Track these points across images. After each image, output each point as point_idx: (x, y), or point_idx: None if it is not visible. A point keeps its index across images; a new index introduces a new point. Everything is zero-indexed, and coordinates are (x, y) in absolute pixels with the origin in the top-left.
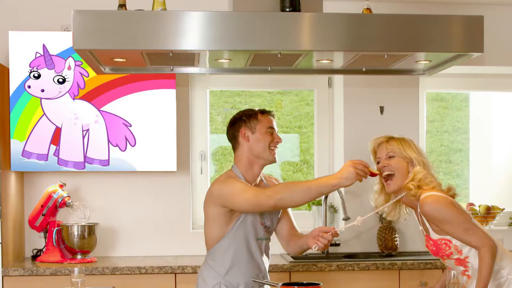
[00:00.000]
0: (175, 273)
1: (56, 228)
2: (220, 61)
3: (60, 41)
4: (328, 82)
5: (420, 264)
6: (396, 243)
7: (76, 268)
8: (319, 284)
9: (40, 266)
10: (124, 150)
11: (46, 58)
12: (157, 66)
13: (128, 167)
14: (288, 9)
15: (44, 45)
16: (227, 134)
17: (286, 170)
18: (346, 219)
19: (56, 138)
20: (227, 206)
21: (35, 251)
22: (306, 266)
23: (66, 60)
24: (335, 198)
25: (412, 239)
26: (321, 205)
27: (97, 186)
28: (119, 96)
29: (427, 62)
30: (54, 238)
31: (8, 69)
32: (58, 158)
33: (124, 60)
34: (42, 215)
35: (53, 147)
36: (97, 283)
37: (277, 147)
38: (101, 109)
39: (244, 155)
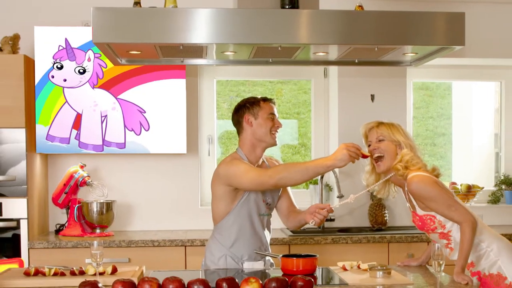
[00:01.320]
0: (185, 246)
1: (77, 205)
2: (226, 53)
3: (81, 35)
4: (324, 73)
5: (407, 238)
6: (385, 218)
7: (95, 241)
8: (316, 256)
9: (62, 240)
10: (139, 134)
11: (68, 50)
12: (169, 58)
13: (142, 150)
14: (287, 6)
15: (66, 39)
16: (232, 119)
17: (285, 152)
18: (340, 196)
19: (77, 123)
20: (232, 185)
21: (58, 226)
22: (304, 239)
23: (86, 53)
24: (330, 177)
25: (400, 215)
26: (317, 184)
27: (114, 167)
28: (134, 85)
29: (414, 54)
30: (75, 214)
31: (34, 61)
32: (79, 141)
33: (139, 52)
34: (65, 193)
35: (74, 132)
36: (114, 255)
37: (277, 132)
38: (118, 97)
39: (247, 139)
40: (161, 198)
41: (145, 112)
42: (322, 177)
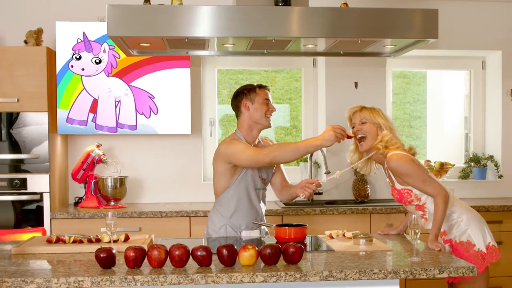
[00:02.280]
0: (190, 217)
1: (93, 180)
2: (226, 45)
3: (97, 29)
4: (313, 63)
5: (387, 209)
6: (367, 192)
7: (109, 212)
8: (306, 225)
9: (80, 211)
10: (149, 117)
11: (85, 43)
12: (175, 49)
13: (151, 131)
14: (280, 4)
15: (84, 33)
16: (231, 104)
17: (279, 133)
18: (327, 173)
19: (93, 108)
20: (232, 163)
21: (76, 199)
22: (295, 210)
23: (101, 45)
24: (318, 156)
25: (380, 189)
26: (307, 161)
27: (127, 146)
28: (145, 74)
29: (393, 46)
30: (92, 188)
31: (55, 52)
32: (95, 123)
33: (148, 44)
34: (83, 169)
35: (91, 115)
36: (127, 225)
37: (271, 115)
38: (130, 84)
39: (245, 122)
40: (168, 174)
41: (154, 97)
42: (311, 156)
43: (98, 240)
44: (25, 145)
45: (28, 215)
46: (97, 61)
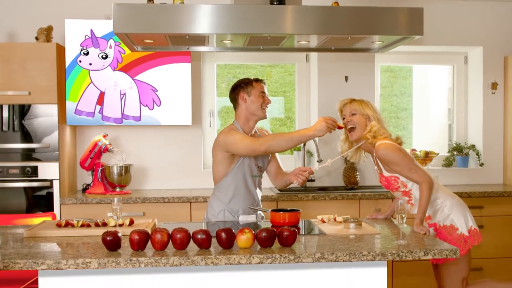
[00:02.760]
0: (190, 202)
1: (100, 168)
2: (224, 41)
3: (104, 26)
4: (306, 58)
5: (375, 195)
6: (357, 179)
7: (115, 198)
8: (299, 210)
9: (88, 197)
10: (152, 109)
11: (93, 39)
12: (177, 45)
13: (155, 122)
14: (275, 3)
15: (91, 30)
16: (230, 97)
17: (274, 124)
18: (319, 161)
19: (100, 100)
20: (230, 151)
21: (84, 185)
22: (289, 196)
23: (108, 41)
24: (311, 145)
25: (369, 176)
26: (300, 150)
27: (131, 136)
28: (148, 68)
29: (381, 42)
30: (99, 176)
31: (64, 48)
32: (102, 115)
33: (152, 41)
34: (90, 158)
35: (98, 107)
36: (131, 210)
37: (267, 107)
38: (135, 78)
39: (242, 113)
40: (170, 162)
41: (157, 90)
42: (304, 145)
43: (104, 224)
44: (36, 135)
45: (39, 201)
46: (104, 56)
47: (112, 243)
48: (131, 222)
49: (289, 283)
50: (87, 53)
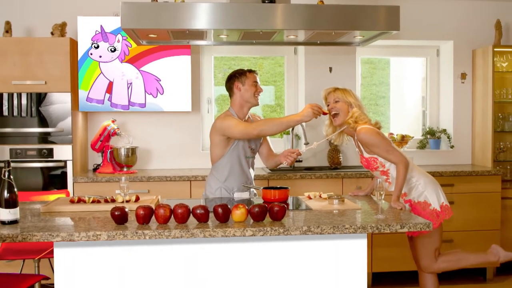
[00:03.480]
0: (190, 181)
1: (109, 150)
2: (221, 36)
3: (112, 23)
4: (294, 51)
5: (356, 174)
6: (340, 160)
7: (123, 177)
8: (288, 188)
9: (98, 176)
10: (156, 97)
11: (102, 34)
12: (178, 40)
13: (158, 108)
14: (267, 1)
15: (101, 26)
16: (225, 86)
17: (265, 110)
18: (306, 143)
19: (109, 89)
20: (225, 135)
21: (95, 165)
22: (279, 175)
23: (116, 36)
24: (299, 129)
25: (351, 157)
26: (289, 134)
27: (137, 121)
28: (152, 60)
29: (361, 37)
30: (108, 157)
31: (77, 42)
32: (111, 102)
33: (155, 35)
34: (100, 141)
35: (107, 95)
36: (137, 187)
37: (259, 95)
38: (140, 69)
39: (237, 100)
40: (172, 144)
41: (160, 80)
42: (292, 129)
43: (113, 201)
44: (51, 120)
45: (54, 180)
46: (112, 49)
47: (120, 218)
48: (137, 199)
49: (279, 254)
50: (97, 47)
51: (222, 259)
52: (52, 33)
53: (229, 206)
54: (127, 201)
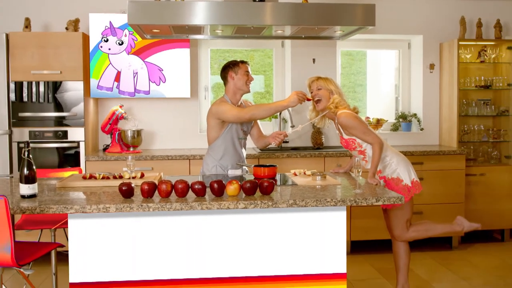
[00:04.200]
0: (189, 159)
1: (117, 132)
2: (217, 31)
3: (120, 19)
4: (281, 44)
5: (337, 154)
6: (322, 140)
7: (129, 156)
8: (276, 166)
9: (107, 155)
10: (159, 85)
11: (111, 29)
12: (178, 34)
13: (161, 95)
14: (257, 0)
15: (110, 22)
16: (220, 75)
17: (256, 97)
18: (292, 126)
19: (117, 78)
20: (220, 119)
21: (104, 146)
22: (268, 155)
23: (123, 31)
24: (286, 114)
25: (332, 138)
26: (277, 118)
27: (142, 107)
28: (156, 52)
29: (341, 32)
30: (116, 138)
31: (89, 36)
32: (119, 90)
33: (158, 30)
34: (109, 124)
35: (115, 83)
36: (142, 165)
37: (250, 83)
38: (145, 60)
39: (231, 88)
40: (173, 127)
41: (162, 70)
42: (280, 114)
43: (120, 177)
44: (66, 105)
45: (68, 158)
46: (120, 43)
47: (126, 192)
48: (142, 175)
49: (268, 224)
50: (107, 40)
51: (218, 229)
52: (66, 28)
53: (223, 182)
54: (133, 178)
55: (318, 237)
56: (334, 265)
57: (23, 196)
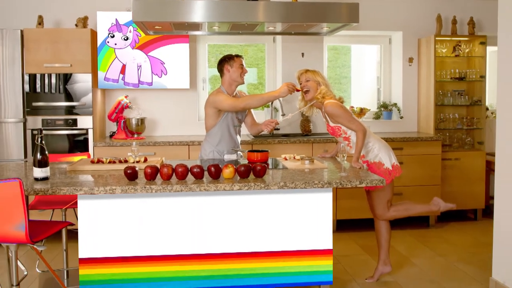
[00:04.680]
0: (188, 145)
1: (123, 120)
2: (214, 27)
3: (125, 16)
4: (273, 39)
5: (323, 140)
6: (310, 128)
7: (134, 142)
8: (268, 151)
9: (114, 141)
10: (160, 77)
11: (117, 26)
12: (179, 30)
13: (162, 86)
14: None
15: (116, 19)
16: (217, 68)
17: (250, 88)
18: (283, 115)
19: (123, 70)
20: (217, 108)
21: (111, 133)
22: (260, 141)
23: (128, 27)
24: (277, 103)
25: (319, 126)
26: (269, 107)
27: (145, 97)
28: (158, 47)
29: (328, 28)
30: (122, 125)
31: (96, 32)
32: (124, 81)
33: (160, 27)
34: (115, 113)
35: (121, 75)
36: (145, 150)
37: (245, 75)
38: (148, 54)
39: (226, 80)
40: (174, 116)
41: (164, 63)
42: (272, 103)
43: (125, 161)
44: (75, 96)
45: (78, 144)
46: (125, 38)
47: (131, 175)
48: (145, 160)
49: (261, 204)
50: (113, 36)
51: (214, 209)
52: (76, 25)
53: (220, 166)
54: (137, 162)
55: (306, 216)
56: (321, 242)
57: (36, 179)
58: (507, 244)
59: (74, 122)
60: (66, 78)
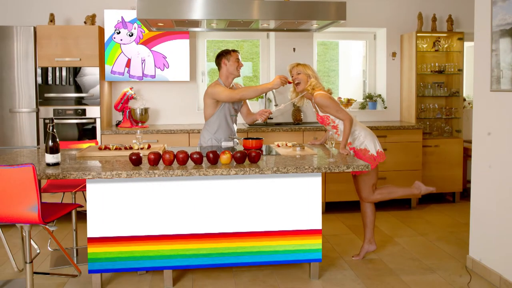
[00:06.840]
0: (189, 133)
1: (128, 110)
2: (212, 24)
3: (130, 14)
4: (267, 35)
5: (313, 128)
6: (301, 117)
7: (138, 130)
8: (262, 138)
9: (119, 129)
10: (163, 70)
11: (123, 23)
12: (179, 27)
13: (164, 79)
14: None
15: (122, 17)
16: (215, 62)
17: (245, 80)
18: (276, 105)
19: (128, 64)
20: (215, 99)
21: (117, 122)
22: (255, 129)
23: (133, 24)
24: (270, 94)
25: (310, 115)
26: (263, 98)
27: (149, 89)
28: (160, 42)
29: (317, 25)
30: (127, 115)
31: (104, 29)
32: (129, 74)
33: (162, 24)
34: (121, 103)
35: (126, 69)
36: (149, 138)
37: (241, 69)
38: (151, 49)
39: (224, 73)
40: (175, 105)
41: (166, 57)
42: (266, 94)
43: (130, 148)
44: (84, 87)
45: (86, 132)
46: (130, 34)
47: (136, 161)
48: (149, 146)
49: (255, 188)
50: (119, 33)
51: (213, 192)
52: (85, 22)
53: (218, 152)
54: (141, 148)
55: (297, 199)
56: (311, 223)
57: (48, 164)
58: (482, 224)
59: (83, 112)
60: (75, 71)
